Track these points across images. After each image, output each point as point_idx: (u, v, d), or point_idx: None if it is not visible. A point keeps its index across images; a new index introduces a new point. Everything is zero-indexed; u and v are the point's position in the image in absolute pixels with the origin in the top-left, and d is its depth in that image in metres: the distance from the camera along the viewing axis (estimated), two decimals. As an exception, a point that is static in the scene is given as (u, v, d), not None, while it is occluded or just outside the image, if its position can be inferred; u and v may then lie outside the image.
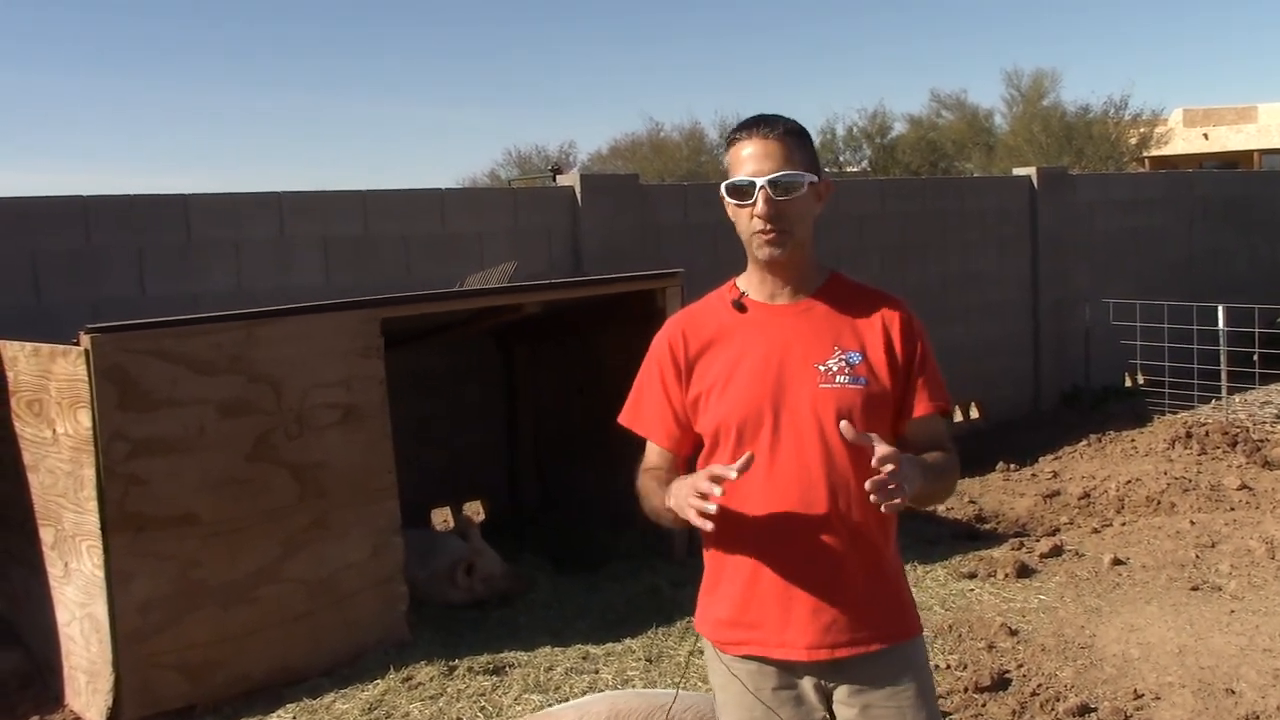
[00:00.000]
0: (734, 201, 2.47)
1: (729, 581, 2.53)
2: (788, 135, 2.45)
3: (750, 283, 2.55)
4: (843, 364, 2.44)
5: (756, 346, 2.49)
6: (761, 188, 2.41)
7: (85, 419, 4.53)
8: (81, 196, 6.24)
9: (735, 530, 2.47)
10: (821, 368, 2.44)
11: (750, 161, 2.44)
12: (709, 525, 2.26)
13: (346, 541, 5.11)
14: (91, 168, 72.18)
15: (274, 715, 4.66)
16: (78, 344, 4.55)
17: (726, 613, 2.53)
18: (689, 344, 2.57)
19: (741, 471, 2.29)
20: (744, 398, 2.47)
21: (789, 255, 2.46)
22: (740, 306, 2.53)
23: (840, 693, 2.48)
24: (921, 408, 2.50)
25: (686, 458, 2.61)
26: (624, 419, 2.69)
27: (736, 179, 2.45)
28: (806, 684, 2.49)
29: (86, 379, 4.49)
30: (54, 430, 4.77)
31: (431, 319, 6.16)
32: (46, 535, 4.95)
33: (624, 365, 7.20)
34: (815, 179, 2.46)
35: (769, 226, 2.43)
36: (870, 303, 2.54)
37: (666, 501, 2.42)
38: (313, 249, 6.87)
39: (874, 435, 2.31)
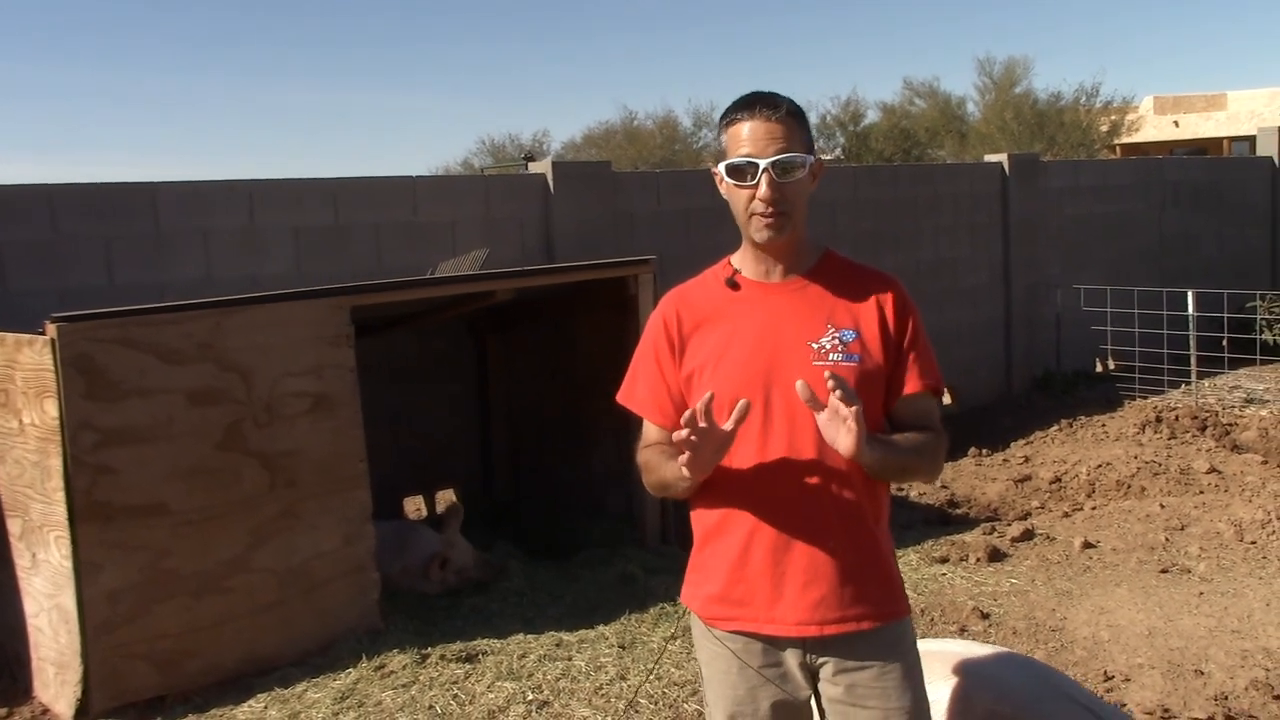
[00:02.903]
0: (733, 182, 2.43)
1: (719, 558, 2.52)
2: (789, 116, 2.41)
3: (744, 261, 2.55)
4: (836, 341, 2.43)
5: (749, 324, 2.48)
6: (765, 170, 2.38)
7: (52, 409, 4.49)
8: (47, 185, 6.18)
9: (727, 506, 2.48)
10: (815, 345, 2.43)
11: (751, 142, 2.39)
12: (685, 473, 2.32)
13: (317, 530, 5.08)
14: (57, 157, 71.47)
15: (245, 705, 4.63)
16: (44, 333, 4.51)
17: (715, 589, 2.53)
18: (682, 322, 2.56)
19: (739, 421, 2.30)
20: (736, 376, 2.46)
21: (786, 237, 2.46)
22: (733, 284, 2.53)
23: (826, 670, 2.48)
24: (911, 385, 2.49)
25: None
26: (621, 397, 2.69)
27: (737, 159, 2.41)
28: (793, 661, 2.50)
29: (53, 368, 4.45)
30: (20, 420, 4.72)
31: (403, 307, 6.13)
32: (14, 526, 4.91)
33: (597, 352, 7.24)
34: (813, 159, 2.45)
35: (770, 209, 2.41)
36: (864, 280, 2.53)
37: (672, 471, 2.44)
38: (283, 237, 6.82)
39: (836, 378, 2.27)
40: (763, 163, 2.37)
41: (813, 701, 2.56)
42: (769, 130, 2.39)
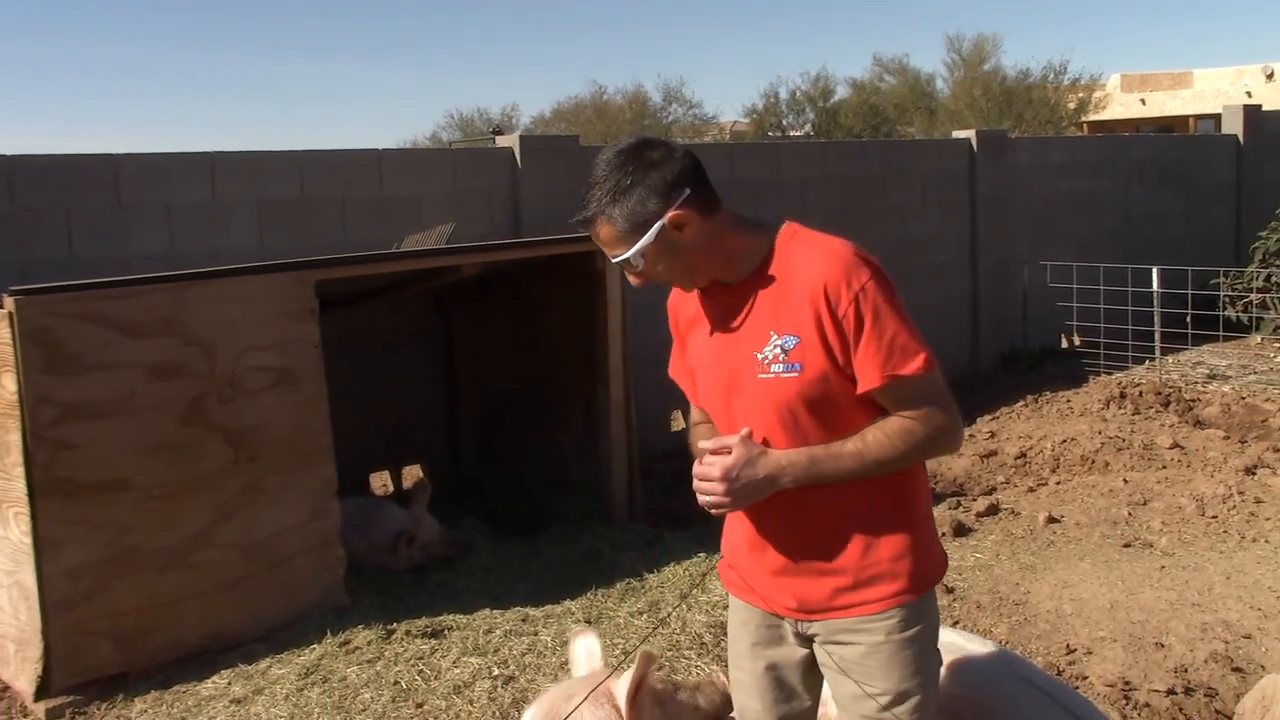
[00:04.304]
0: None
1: (731, 530, 2.65)
2: (598, 222, 2.39)
3: None
4: (777, 351, 2.38)
5: (713, 336, 2.52)
6: (618, 267, 2.46)
7: (10, 383, 4.43)
8: (5, 156, 6.07)
9: None
10: (760, 356, 2.41)
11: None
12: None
13: (281, 506, 5.05)
14: (15, 128, 70.55)
15: (209, 681, 4.60)
16: (2, 307, 4.44)
17: (727, 555, 2.66)
18: (679, 318, 2.64)
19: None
20: (708, 385, 2.55)
21: (694, 282, 2.50)
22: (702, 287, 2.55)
23: (818, 639, 2.55)
24: (870, 381, 2.35)
25: None
26: (670, 372, 2.73)
27: None
28: (788, 628, 2.58)
29: (11, 342, 4.39)
30: (-22, 395, 4.66)
31: (368, 281, 6.08)
32: (-28, 502, 4.85)
33: (565, 326, 7.21)
34: (650, 236, 2.35)
35: (653, 283, 2.48)
36: (804, 273, 2.37)
37: None
38: (247, 211, 6.75)
39: (735, 437, 2.38)
40: (614, 263, 2.45)
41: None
42: (596, 238, 2.44)
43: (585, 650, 2.89)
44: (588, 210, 2.39)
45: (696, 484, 2.40)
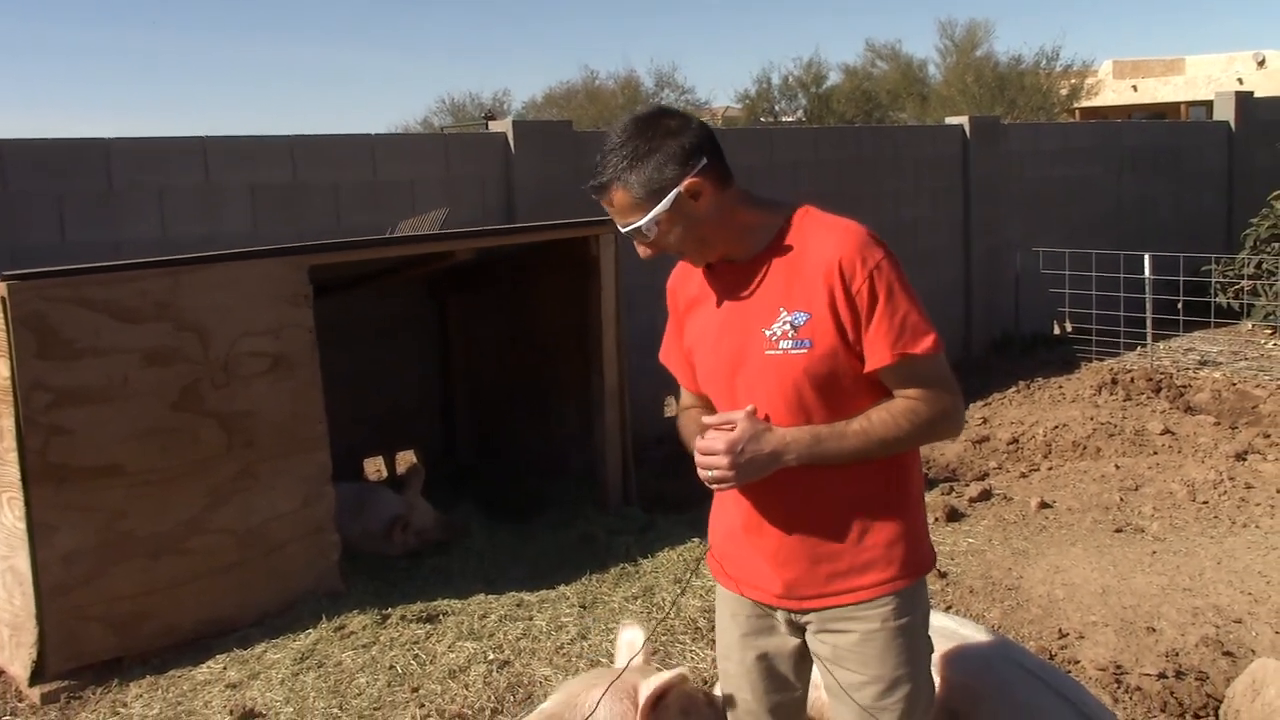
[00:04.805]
0: None
1: (719, 517, 2.62)
2: (613, 188, 2.38)
3: None
4: (787, 327, 2.37)
5: (719, 311, 2.49)
6: (627, 236, 2.44)
7: (3, 368, 4.42)
8: (-3, 141, 6.05)
9: None
10: (768, 333, 2.39)
11: (610, 214, 2.46)
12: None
13: (275, 492, 5.05)
14: (6, 112, 70.23)
15: (204, 666, 4.61)
16: (-6, 292, 4.43)
17: (716, 544, 2.63)
18: (679, 299, 2.62)
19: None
20: (710, 364, 2.51)
21: (705, 256, 2.47)
22: (708, 264, 2.53)
23: (811, 628, 2.54)
24: (879, 359, 2.35)
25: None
26: (661, 357, 2.73)
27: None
28: (780, 617, 2.56)
29: (4, 327, 4.38)
30: (-29, 380, 4.65)
31: (362, 267, 6.07)
32: (-34, 488, 4.84)
33: (558, 312, 7.21)
34: (666, 204, 2.35)
35: (663, 254, 2.46)
36: (819, 250, 2.38)
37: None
38: (240, 196, 6.72)
39: (740, 412, 2.36)
40: (623, 232, 2.43)
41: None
42: (608, 208, 2.43)
43: (629, 643, 2.90)
44: (604, 175, 2.37)
45: (699, 458, 2.36)
